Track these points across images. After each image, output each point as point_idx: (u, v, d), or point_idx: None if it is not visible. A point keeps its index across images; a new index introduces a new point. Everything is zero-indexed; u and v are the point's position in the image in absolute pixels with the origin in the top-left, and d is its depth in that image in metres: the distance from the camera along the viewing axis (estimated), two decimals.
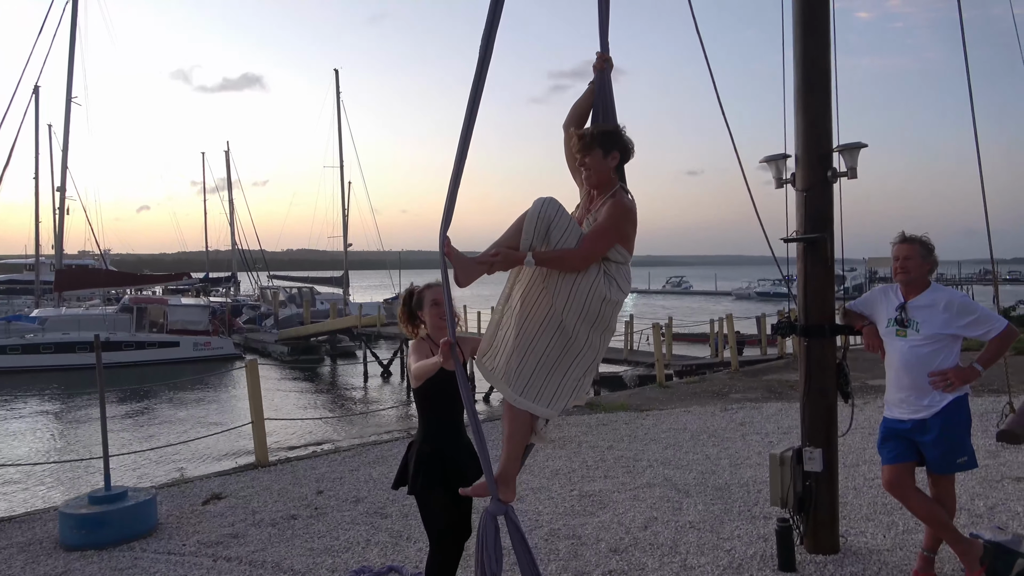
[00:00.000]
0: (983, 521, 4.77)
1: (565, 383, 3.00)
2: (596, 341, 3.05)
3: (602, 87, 3.37)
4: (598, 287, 2.96)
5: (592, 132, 3.18)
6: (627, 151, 3.17)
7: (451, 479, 3.21)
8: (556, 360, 2.98)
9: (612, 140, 3.13)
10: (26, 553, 4.98)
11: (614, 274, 3.06)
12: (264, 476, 6.79)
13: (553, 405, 3.00)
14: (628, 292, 3.13)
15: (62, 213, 31.01)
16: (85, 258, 46.96)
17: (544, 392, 2.98)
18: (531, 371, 2.95)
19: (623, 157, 3.16)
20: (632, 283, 3.23)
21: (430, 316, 3.35)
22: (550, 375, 2.98)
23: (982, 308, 3.81)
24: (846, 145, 4.49)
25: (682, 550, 4.54)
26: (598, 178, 3.14)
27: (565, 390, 3.01)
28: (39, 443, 15.90)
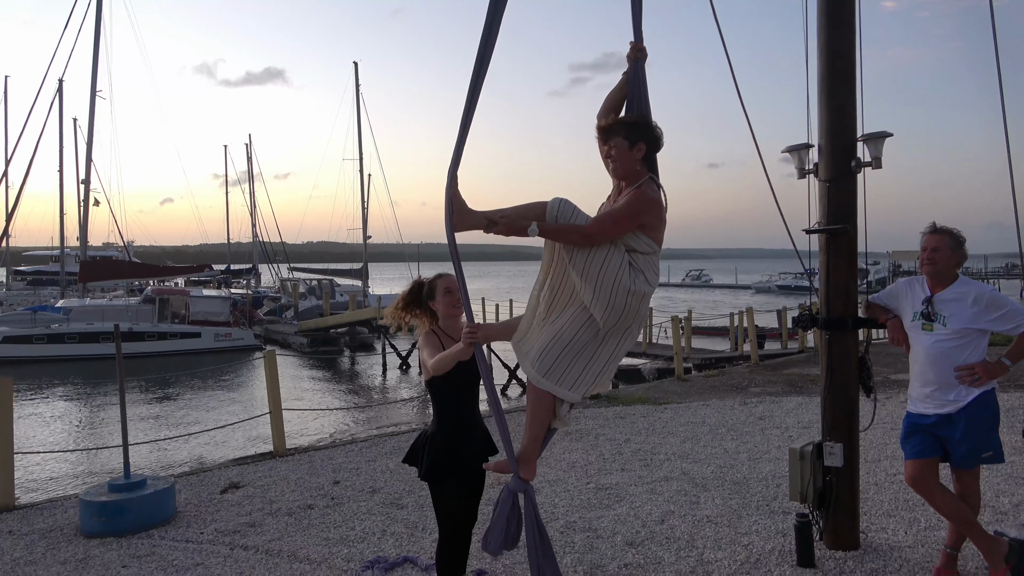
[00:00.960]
0: (1008, 518, 4.68)
1: (589, 369, 3.06)
2: (623, 332, 3.08)
3: (635, 77, 3.31)
4: (622, 279, 2.97)
5: (615, 121, 3.15)
6: (654, 142, 3.12)
7: (463, 471, 3.23)
8: (582, 347, 3.04)
9: (637, 130, 3.09)
10: (47, 539, 5.04)
11: (641, 266, 3.04)
12: (281, 466, 6.82)
13: (576, 389, 3.06)
14: (656, 284, 3.11)
15: (87, 205, 31.41)
16: (109, 250, 47.58)
17: (567, 376, 3.04)
18: (557, 354, 3.01)
19: (650, 148, 3.10)
20: None
21: (443, 305, 3.33)
22: (575, 360, 3.03)
23: (1012, 302, 3.72)
24: (871, 135, 4.39)
25: (699, 544, 4.50)
26: (624, 169, 3.11)
27: (588, 376, 3.06)
28: (62, 431, 16.14)
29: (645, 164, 3.12)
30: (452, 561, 3.31)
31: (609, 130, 3.11)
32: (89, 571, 4.45)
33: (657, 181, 3.17)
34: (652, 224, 3.06)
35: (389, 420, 16.09)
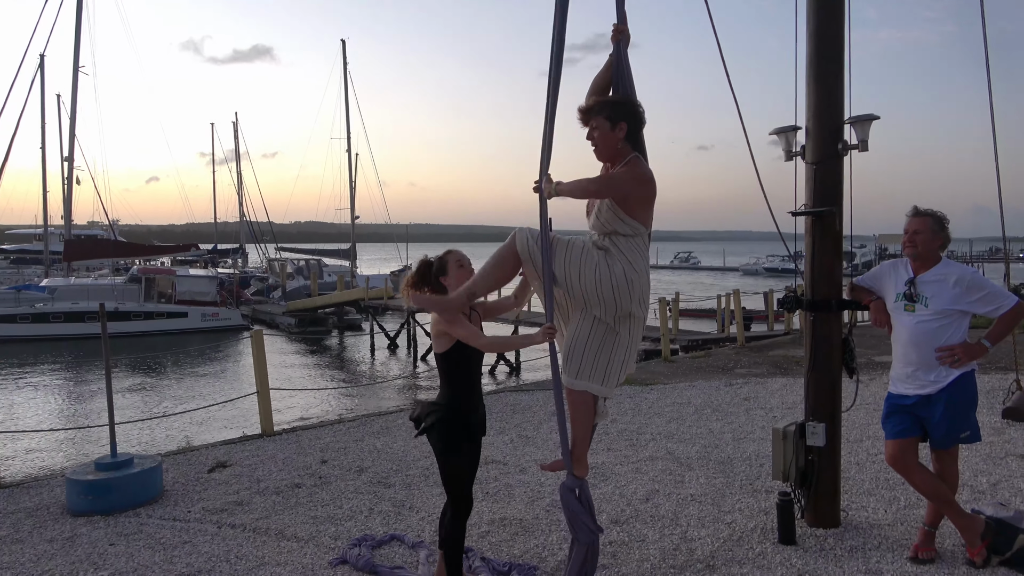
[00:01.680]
0: (985, 497, 4.77)
1: (613, 361, 3.19)
2: (628, 318, 3.15)
3: (619, 60, 3.31)
4: (602, 275, 3.04)
5: (596, 102, 3.14)
6: (636, 120, 3.10)
7: (471, 439, 3.40)
8: (601, 342, 3.16)
9: (618, 109, 3.07)
10: (34, 518, 5.04)
11: (624, 250, 3.04)
12: (269, 445, 6.83)
13: (607, 383, 3.20)
14: (642, 267, 3.11)
15: (70, 183, 31.04)
16: (94, 229, 47.12)
17: (596, 372, 3.18)
18: (581, 355, 3.16)
19: (632, 127, 3.08)
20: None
21: (456, 279, 3.38)
22: (598, 356, 3.17)
23: (993, 284, 3.77)
24: (858, 117, 4.41)
25: (683, 522, 4.56)
26: (607, 151, 3.11)
27: (614, 367, 3.20)
28: (47, 410, 16.08)
29: (630, 143, 3.10)
30: (456, 523, 3.45)
31: (590, 111, 3.10)
32: (76, 549, 4.46)
33: (644, 159, 3.14)
34: (640, 200, 3.04)
35: (377, 400, 16.13)
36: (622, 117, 3.05)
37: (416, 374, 21.85)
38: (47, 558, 4.34)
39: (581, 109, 3.14)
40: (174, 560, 4.24)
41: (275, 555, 4.26)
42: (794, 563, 3.89)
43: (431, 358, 24.18)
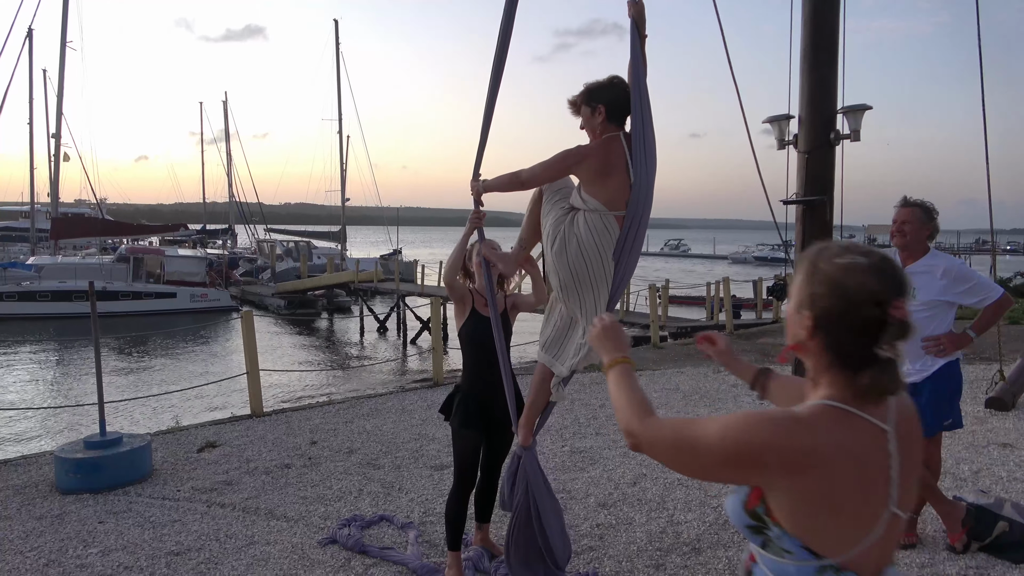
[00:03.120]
0: (967, 485, 4.84)
1: (569, 343, 3.25)
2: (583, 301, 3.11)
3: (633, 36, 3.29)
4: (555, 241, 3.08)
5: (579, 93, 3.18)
6: (612, 101, 3.06)
7: (483, 421, 3.51)
8: (568, 323, 3.25)
9: (592, 95, 3.10)
10: (22, 495, 5.04)
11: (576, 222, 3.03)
12: (258, 426, 6.84)
13: (559, 360, 3.26)
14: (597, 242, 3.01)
15: (58, 160, 30.74)
16: (81, 207, 46.68)
17: (551, 347, 3.28)
18: (551, 328, 3.30)
19: (611, 108, 3.07)
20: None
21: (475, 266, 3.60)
22: (561, 335, 3.27)
23: (979, 276, 3.81)
24: (850, 107, 4.44)
25: (669, 506, 4.61)
26: (590, 134, 3.15)
27: (569, 349, 3.25)
28: (35, 389, 16.01)
29: (616, 124, 3.09)
30: (453, 497, 3.61)
31: (574, 105, 3.15)
32: (65, 526, 4.47)
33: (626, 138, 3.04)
34: (586, 179, 3.01)
35: (366, 382, 16.15)
36: (598, 100, 3.07)
37: (406, 356, 21.88)
38: (36, 535, 4.35)
39: (570, 103, 3.18)
40: (163, 538, 4.25)
41: (265, 534, 4.29)
42: None
43: (420, 341, 24.25)
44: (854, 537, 1.29)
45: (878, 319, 1.29)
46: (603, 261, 3.03)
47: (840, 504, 1.28)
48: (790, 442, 1.25)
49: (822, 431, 1.27)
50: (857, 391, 1.31)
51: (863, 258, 1.33)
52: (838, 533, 1.29)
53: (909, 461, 1.34)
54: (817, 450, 1.25)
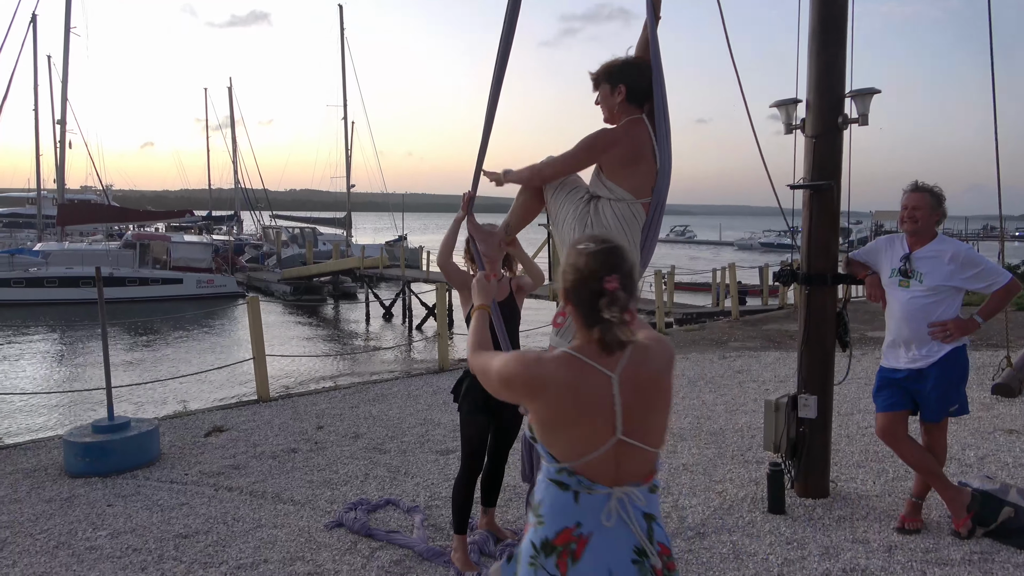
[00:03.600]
0: (973, 470, 4.84)
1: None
2: None
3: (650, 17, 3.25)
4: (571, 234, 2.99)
5: (598, 70, 3.13)
6: (635, 80, 3.03)
7: (491, 406, 3.49)
8: None
9: (614, 73, 3.04)
10: (31, 479, 5.09)
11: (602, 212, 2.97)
12: (265, 411, 6.88)
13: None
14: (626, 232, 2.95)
15: (63, 146, 30.81)
16: (87, 193, 46.78)
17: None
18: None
19: (632, 89, 3.03)
20: None
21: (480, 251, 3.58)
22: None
23: (987, 261, 3.79)
24: (858, 91, 4.39)
25: (674, 491, 4.63)
26: (607, 113, 3.10)
27: None
28: (43, 374, 16.12)
29: (635, 105, 3.03)
30: (460, 480, 3.64)
31: (594, 80, 3.10)
32: (74, 509, 4.51)
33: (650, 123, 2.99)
34: (613, 167, 2.94)
35: (372, 368, 16.21)
36: (620, 80, 3.01)
37: (411, 343, 21.93)
38: (46, 517, 4.39)
39: (591, 75, 3.14)
40: (172, 521, 4.29)
41: (272, 517, 4.32)
42: (783, 531, 3.97)
43: (426, 327, 24.31)
44: (581, 450, 1.76)
45: (599, 290, 1.72)
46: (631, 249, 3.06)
47: (565, 424, 1.77)
48: (528, 374, 1.77)
49: (552, 369, 1.76)
50: (592, 344, 1.76)
51: (593, 245, 1.79)
52: (568, 445, 1.78)
53: (635, 402, 1.77)
54: (545, 382, 1.75)
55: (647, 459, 1.83)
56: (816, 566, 3.56)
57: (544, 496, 1.83)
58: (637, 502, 1.81)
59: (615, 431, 1.75)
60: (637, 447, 1.78)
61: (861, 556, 3.65)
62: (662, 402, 1.86)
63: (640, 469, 1.82)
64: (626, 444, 1.76)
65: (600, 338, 1.74)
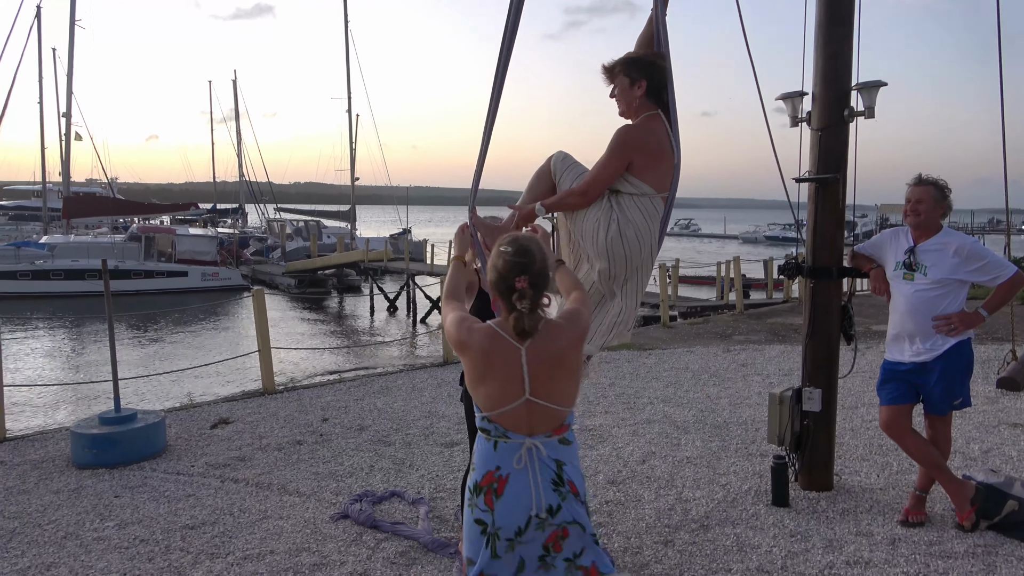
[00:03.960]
0: (977, 464, 4.84)
1: (603, 322, 3.16)
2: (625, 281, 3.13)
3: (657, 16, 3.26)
4: (610, 228, 3.01)
5: (617, 61, 3.14)
6: (656, 78, 3.05)
7: None
8: (597, 301, 3.12)
9: (637, 67, 3.05)
10: (39, 470, 5.12)
11: (628, 208, 3.01)
12: (271, 403, 6.91)
13: (592, 342, 3.16)
14: (650, 229, 3.04)
15: (68, 139, 30.84)
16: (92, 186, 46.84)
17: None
18: None
19: (653, 84, 3.04)
20: None
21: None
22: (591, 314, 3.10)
23: (992, 254, 3.78)
24: (865, 83, 4.37)
25: (678, 484, 4.64)
26: (626, 107, 3.11)
27: (603, 328, 3.17)
28: (49, 366, 16.19)
29: (652, 100, 3.06)
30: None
31: (611, 70, 3.09)
32: (82, 500, 4.55)
33: (665, 118, 3.05)
34: (641, 164, 2.98)
35: (376, 361, 16.24)
36: (641, 74, 3.02)
37: (415, 335, 21.96)
38: (54, 508, 4.43)
39: (605, 68, 3.13)
40: (179, 512, 4.32)
41: (278, 509, 4.34)
42: (786, 524, 3.98)
43: (431, 320, 24.33)
44: (496, 404, 2.24)
45: (512, 287, 2.21)
46: (653, 244, 3.08)
47: (483, 381, 2.25)
48: (458, 337, 2.27)
49: (476, 337, 2.24)
50: (508, 324, 2.22)
51: (510, 250, 2.26)
52: (487, 398, 2.26)
53: (540, 370, 2.21)
54: (469, 345, 2.25)
55: (556, 416, 2.26)
56: (820, 558, 3.58)
57: (475, 448, 2.36)
58: (545, 451, 2.25)
59: (524, 392, 2.21)
60: (545, 406, 2.23)
61: (864, 549, 3.66)
62: (566, 371, 2.27)
63: (549, 424, 2.26)
64: (534, 403, 2.22)
65: (513, 323, 2.20)
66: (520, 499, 2.22)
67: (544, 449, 2.24)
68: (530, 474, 2.23)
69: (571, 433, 2.32)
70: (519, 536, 2.23)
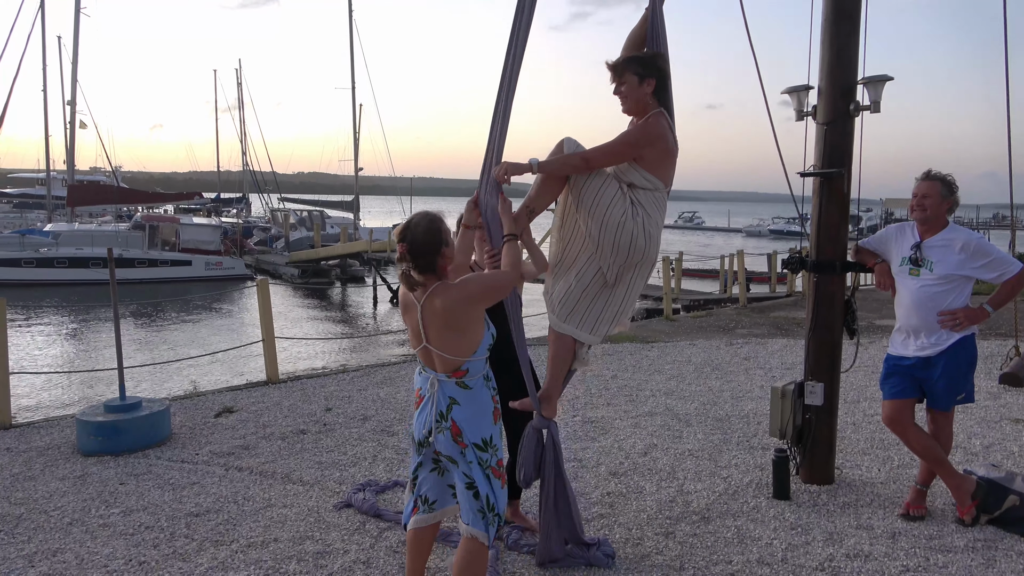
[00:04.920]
0: (978, 459, 4.86)
1: (606, 311, 3.22)
2: (631, 270, 3.16)
3: (654, 12, 3.29)
4: (614, 214, 3.03)
5: (625, 58, 3.17)
6: (664, 76, 3.14)
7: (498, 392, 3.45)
8: (598, 290, 3.18)
9: (645, 65, 3.09)
10: (45, 457, 5.16)
11: (642, 201, 3.07)
12: (274, 392, 6.94)
13: (595, 332, 3.24)
14: (660, 222, 3.15)
15: (73, 127, 30.83)
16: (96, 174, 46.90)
17: (586, 319, 3.22)
18: (575, 299, 3.20)
19: (660, 83, 3.12)
20: None
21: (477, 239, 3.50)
22: (592, 304, 3.20)
23: (998, 250, 3.78)
24: (871, 78, 4.36)
25: (680, 476, 4.66)
26: (634, 105, 3.15)
27: (605, 317, 3.23)
28: (54, 354, 16.26)
29: (657, 99, 3.13)
30: None
31: (619, 67, 3.12)
32: (88, 487, 4.58)
33: (668, 115, 3.16)
34: (653, 158, 3.07)
35: (380, 351, 16.28)
36: (650, 73, 3.08)
37: None
38: (59, 495, 4.46)
39: (611, 65, 3.16)
40: (183, 500, 4.35)
41: (281, 497, 4.37)
42: (787, 517, 4.00)
43: None
44: (412, 345, 2.87)
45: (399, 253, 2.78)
46: (659, 237, 3.17)
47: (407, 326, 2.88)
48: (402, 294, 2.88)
49: (402, 291, 2.87)
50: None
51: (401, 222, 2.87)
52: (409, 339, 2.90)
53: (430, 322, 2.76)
54: (401, 298, 2.90)
55: (451, 363, 2.77)
56: (820, 551, 3.59)
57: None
58: (439, 386, 2.80)
59: (422, 340, 2.79)
60: (439, 353, 2.77)
61: (865, 542, 3.68)
62: (452, 327, 2.74)
63: (447, 367, 2.79)
64: (430, 349, 2.78)
65: (403, 280, 2.78)
66: (420, 416, 2.88)
67: (439, 384, 2.81)
68: (430, 400, 2.83)
69: (473, 380, 2.80)
70: (424, 444, 2.89)
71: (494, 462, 2.84)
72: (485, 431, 2.81)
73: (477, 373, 2.80)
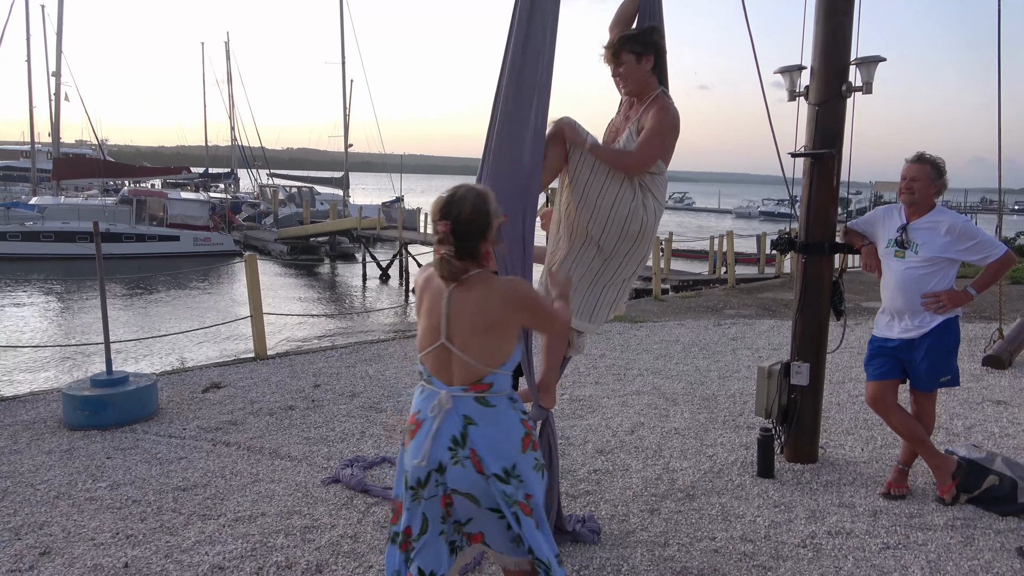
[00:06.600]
0: (960, 439, 4.92)
1: (603, 298, 3.18)
2: (628, 256, 3.13)
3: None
4: (637, 209, 3.02)
5: (619, 38, 3.09)
6: (660, 51, 3.06)
7: None
8: (595, 277, 3.14)
9: (642, 43, 3.03)
10: (31, 431, 5.14)
11: (650, 186, 3.05)
12: (262, 368, 6.93)
13: (594, 320, 3.19)
14: (662, 204, 3.15)
15: (58, 99, 30.45)
16: (82, 147, 46.34)
17: (583, 308, 3.17)
18: (572, 287, 3.08)
19: (657, 58, 3.05)
20: None
21: None
22: (589, 291, 3.15)
23: (983, 233, 3.81)
24: (864, 58, 4.35)
25: (666, 454, 4.70)
26: (636, 85, 3.08)
27: (603, 305, 3.19)
28: (39, 328, 16.16)
29: (654, 74, 3.08)
30: None
31: (615, 47, 3.06)
32: (74, 461, 4.57)
33: (667, 92, 3.11)
34: (669, 146, 3.06)
35: (368, 328, 16.28)
36: (648, 50, 3.01)
37: (409, 304, 21.98)
38: (46, 468, 4.45)
39: (607, 47, 3.09)
40: (170, 474, 4.35)
41: (269, 472, 4.38)
42: (771, 495, 4.04)
43: None
44: (422, 344, 2.31)
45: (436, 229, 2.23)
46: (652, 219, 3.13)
47: (419, 316, 2.32)
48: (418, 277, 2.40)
49: (422, 277, 2.36)
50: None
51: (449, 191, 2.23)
52: (420, 336, 2.32)
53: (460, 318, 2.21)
54: (418, 284, 2.36)
55: (473, 371, 2.21)
56: (802, 528, 3.64)
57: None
58: (453, 403, 2.21)
59: (440, 337, 2.24)
60: (460, 357, 2.21)
61: (847, 520, 3.73)
62: (490, 328, 2.21)
63: (466, 377, 2.22)
64: (451, 351, 2.22)
65: (436, 267, 2.24)
66: (417, 447, 2.22)
67: (452, 402, 2.20)
68: (441, 425, 2.19)
69: (496, 398, 2.22)
70: (422, 487, 2.23)
71: (521, 496, 2.22)
72: (507, 458, 2.19)
73: (502, 390, 2.25)
